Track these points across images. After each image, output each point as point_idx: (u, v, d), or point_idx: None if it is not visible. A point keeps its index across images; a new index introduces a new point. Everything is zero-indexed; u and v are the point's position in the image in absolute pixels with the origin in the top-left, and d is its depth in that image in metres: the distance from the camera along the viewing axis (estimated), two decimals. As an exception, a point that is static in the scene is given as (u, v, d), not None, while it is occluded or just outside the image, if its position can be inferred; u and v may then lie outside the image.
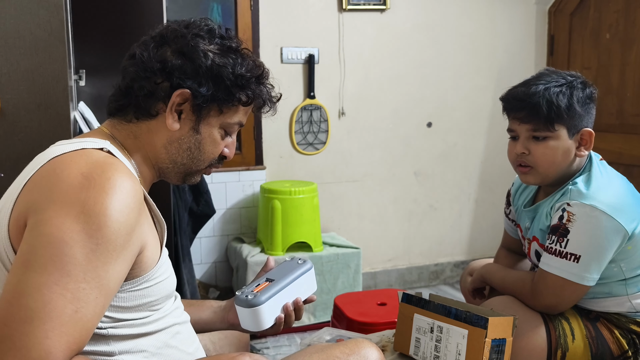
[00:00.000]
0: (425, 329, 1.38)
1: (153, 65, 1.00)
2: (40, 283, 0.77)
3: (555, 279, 1.37)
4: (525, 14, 3.48)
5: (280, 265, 1.27)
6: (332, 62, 3.17)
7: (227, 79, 1.01)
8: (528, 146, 1.44)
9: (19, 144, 1.61)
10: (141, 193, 0.92)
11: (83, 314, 0.78)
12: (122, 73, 1.05)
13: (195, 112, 1.02)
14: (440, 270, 3.53)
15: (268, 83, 1.11)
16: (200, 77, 1.00)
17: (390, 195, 3.38)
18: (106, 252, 0.82)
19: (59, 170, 0.87)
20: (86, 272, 0.79)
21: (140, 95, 1.00)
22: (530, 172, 1.46)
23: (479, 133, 3.50)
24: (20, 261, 0.79)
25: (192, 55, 1.00)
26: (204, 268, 3.10)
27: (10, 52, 1.59)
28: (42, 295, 0.76)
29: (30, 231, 0.81)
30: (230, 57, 1.03)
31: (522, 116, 1.43)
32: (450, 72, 3.38)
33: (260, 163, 3.14)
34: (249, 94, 1.05)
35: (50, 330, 0.75)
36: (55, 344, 0.75)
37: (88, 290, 0.79)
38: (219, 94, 1.01)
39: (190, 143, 1.03)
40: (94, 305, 0.80)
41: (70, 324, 0.77)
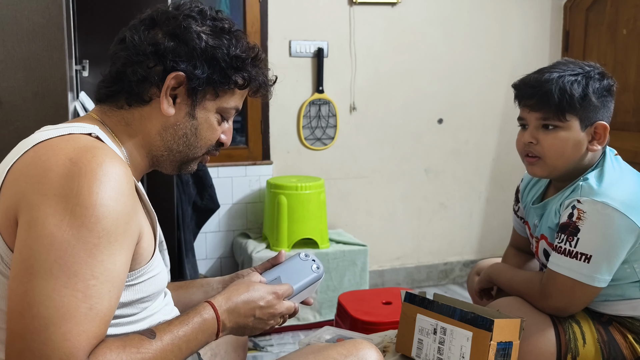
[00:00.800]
0: (429, 330, 1.32)
1: (145, 49, 0.96)
2: (49, 289, 0.75)
3: (565, 279, 1.31)
4: (540, 9, 3.40)
5: (293, 261, 1.19)
6: (342, 56, 3.11)
7: (223, 60, 0.98)
8: (537, 135, 1.38)
9: (15, 133, 1.57)
10: (133, 179, 0.88)
11: (98, 310, 0.77)
12: (112, 59, 1.01)
13: (190, 96, 0.98)
14: (449, 269, 3.46)
15: (263, 65, 1.07)
16: (194, 59, 0.96)
17: (400, 192, 3.32)
18: (109, 245, 0.79)
19: (45, 158, 0.83)
20: (93, 268, 0.77)
21: (133, 81, 0.96)
22: (537, 162, 1.40)
23: (491, 130, 3.43)
24: (23, 267, 0.76)
25: (185, 36, 0.96)
26: (210, 263, 3.06)
27: (6, 39, 1.56)
28: (53, 300, 0.74)
29: (27, 231, 0.78)
30: (224, 38, 0.99)
31: (532, 103, 1.37)
32: (462, 67, 3.32)
33: (267, 158, 3.09)
34: (245, 76, 1.02)
35: (68, 332, 0.74)
36: (75, 343, 0.74)
37: (99, 286, 0.78)
38: (215, 76, 0.98)
39: (186, 129, 0.99)
40: (108, 298, 0.79)
41: (86, 322, 0.76)
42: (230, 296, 0.97)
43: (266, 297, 1.01)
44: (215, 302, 0.95)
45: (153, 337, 0.83)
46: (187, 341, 0.88)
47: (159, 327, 0.87)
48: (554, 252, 1.34)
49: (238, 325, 0.98)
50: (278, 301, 1.03)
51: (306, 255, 1.20)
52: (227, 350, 1.32)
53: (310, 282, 1.15)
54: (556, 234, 1.36)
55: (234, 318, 0.96)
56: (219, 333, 0.94)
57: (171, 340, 0.85)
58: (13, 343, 0.74)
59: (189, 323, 0.89)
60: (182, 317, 0.90)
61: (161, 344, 0.84)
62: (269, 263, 1.21)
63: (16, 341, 0.74)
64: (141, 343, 0.82)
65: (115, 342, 0.80)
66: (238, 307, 0.97)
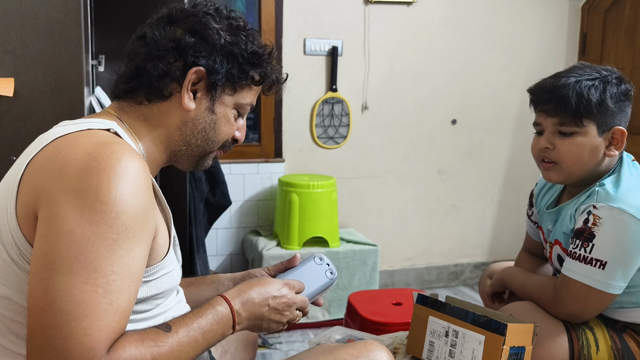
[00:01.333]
0: (440, 333, 1.32)
1: (166, 44, 0.98)
2: (69, 285, 0.75)
3: (579, 285, 1.29)
4: (557, 11, 3.37)
5: (307, 265, 1.16)
6: (356, 55, 3.11)
7: (241, 56, 1.01)
8: (553, 141, 1.37)
9: (32, 127, 1.59)
10: (150, 174, 0.88)
11: (119, 305, 0.78)
12: (130, 55, 1.02)
13: (210, 91, 1.01)
14: (460, 271, 3.45)
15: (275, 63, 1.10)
16: (214, 55, 0.99)
17: (412, 192, 3.31)
18: (128, 240, 0.80)
19: (65, 152, 0.83)
20: (113, 263, 0.78)
21: (154, 76, 0.97)
22: (553, 168, 1.38)
23: (505, 132, 3.40)
24: (44, 263, 0.77)
25: (204, 33, 0.99)
26: (220, 259, 3.07)
27: (25, 34, 1.57)
28: (74, 296, 0.75)
29: (48, 227, 0.78)
30: (241, 35, 1.02)
31: (549, 109, 1.35)
32: (477, 68, 3.29)
33: (279, 156, 3.09)
34: (261, 72, 1.05)
35: (89, 327, 0.75)
36: (96, 338, 0.75)
37: (119, 281, 0.78)
38: (233, 71, 1.01)
39: (206, 123, 1.02)
40: (127, 293, 0.80)
41: (107, 317, 0.76)
42: (243, 288, 0.99)
43: (279, 287, 1.02)
44: (227, 294, 0.96)
45: (169, 331, 0.85)
46: (202, 333, 0.88)
47: (174, 320, 0.88)
48: (568, 258, 1.33)
49: (254, 316, 0.98)
50: (291, 292, 1.04)
51: (320, 259, 1.18)
52: (237, 348, 1.32)
53: (323, 288, 1.14)
54: (571, 239, 1.34)
55: (249, 308, 0.97)
56: (235, 325, 0.94)
57: (186, 332, 0.86)
58: (34, 338, 0.75)
59: (203, 315, 0.90)
60: (195, 311, 0.91)
61: (177, 337, 0.84)
62: (283, 265, 1.21)
63: (38, 336, 0.75)
64: (158, 336, 0.83)
65: (134, 335, 0.81)
66: (252, 297, 0.98)
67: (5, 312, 0.85)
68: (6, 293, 0.84)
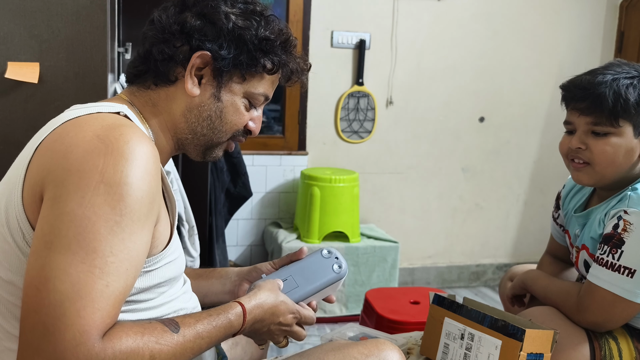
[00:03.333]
0: (456, 335, 1.28)
1: (172, 28, 0.95)
2: (66, 264, 0.73)
3: (605, 293, 1.24)
4: (594, 8, 3.27)
5: (312, 258, 1.10)
6: (384, 48, 3.06)
7: (250, 42, 0.96)
8: (586, 141, 1.30)
9: (55, 111, 1.58)
10: (159, 159, 0.86)
11: (115, 288, 0.75)
12: (142, 39, 1.00)
13: (216, 77, 0.96)
14: (481, 271, 3.39)
15: (296, 52, 1.04)
16: (221, 39, 0.95)
17: (435, 190, 3.26)
18: (131, 223, 0.77)
19: (73, 134, 0.82)
20: (113, 245, 0.76)
21: (159, 60, 0.95)
22: (584, 169, 1.32)
23: (533, 131, 3.33)
24: (42, 242, 0.75)
25: (212, 16, 0.95)
26: (240, 250, 3.08)
27: (52, 19, 1.58)
28: (69, 275, 0.73)
29: (50, 208, 0.77)
30: (254, 20, 0.97)
31: (583, 107, 1.29)
32: (507, 65, 3.22)
33: (302, 148, 3.08)
34: (274, 60, 0.99)
35: (82, 308, 0.72)
36: (89, 321, 0.72)
37: (117, 264, 0.75)
38: (242, 58, 0.96)
39: (211, 111, 0.98)
40: (125, 277, 0.77)
41: (102, 299, 0.73)
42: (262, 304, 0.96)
43: (286, 315, 0.99)
44: (247, 306, 0.93)
45: (176, 331, 0.81)
46: (208, 341, 0.86)
47: (184, 320, 0.85)
48: (594, 264, 1.28)
49: (253, 332, 0.97)
50: (293, 321, 1.01)
51: (329, 252, 1.10)
52: (249, 341, 1.31)
53: (327, 283, 1.07)
54: (599, 244, 1.29)
55: (255, 325, 0.95)
56: (236, 334, 0.93)
57: (194, 338, 0.83)
58: (27, 317, 0.73)
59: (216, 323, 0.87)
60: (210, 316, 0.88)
61: (182, 340, 0.81)
62: (288, 259, 1.16)
63: (30, 315, 0.73)
64: (162, 334, 0.80)
65: (134, 327, 0.78)
66: (264, 317, 0.96)
67: (9, 297, 0.85)
68: (10, 278, 0.84)
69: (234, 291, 1.18)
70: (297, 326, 1.02)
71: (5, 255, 0.84)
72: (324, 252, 1.10)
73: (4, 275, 0.84)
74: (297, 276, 1.07)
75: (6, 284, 0.84)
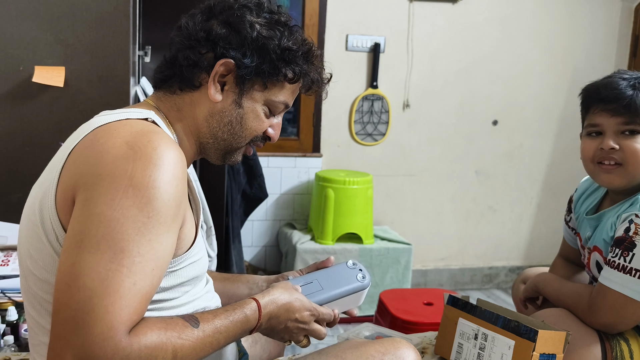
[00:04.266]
0: (469, 335, 1.31)
1: (198, 35, 0.98)
2: (95, 262, 0.77)
3: (616, 295, 1.26)
4: (608, 12, 3.27)
5: (338, 267, 1.14)
6: (398, 52, 3.09)
7: (273, 51, 0.99)
8: (618, 142, 1.31)
9: (79, 114, 1.65)
10: (185, 163, 0.90)
11: (141, 286, 0.78)
12: (169, 44, 1.03)
13: (238, 84, 1.00)
14: (494, 274, 3.40)
15: (317, 62, 1.07)
16: (245, 48, 0.98)
17: (449, 192, 3.28)
18: (158, 225, 0.81)
19: (103, 140, 0.85)
20: (140, 246, 0.79)
21: (185, 65, 0.99)
22: (616, 170, 1.32)
23: (547, 135, 3.33)
24: (73, 242, 0.79)
25: (237, 25, 0.98)
26: (255, 251, 3.12)
27: (76, 24, 1.63)
28: (99, 273, 0.76)
29: (81, 209, 0.81)
30: (278, 30, 1.00)
31: (614, 108, 1.30)
32: (521, 69, 3.23)
33: (317, 150, 3.11)
34: (296, 70, 1.02)
35: (110, 304, 0.75)
36: (117, 317, 0.75)
37: (144, 264, 0.79)
38: (264, 66, 0.99)
39: (232, 117, 1.01)
40: (151, 276, 0.80)
41: (129, 297, 0.77)
42: (276, 300, 0.98)
43: (302, 312, 1.01)
44: (261, 301, 0.95)
45: (196, 326, 0.85)
46: (226, 336, 0.89)
47: (203, 316, 0.88)
48: (606, 267, 1.30)
49: (270, 328, 0.99)
50: (311, 319, 1.02)
51: (354, 264, 1.14)
52: (267, 339, 1.34)
53: (351, 290, 1.09)
54: (610, 247, 1.31)
55: (272, 322, 0.97)
56: (253, 331, 0.95)
57: (212, 332, 0.86)
58: (58, 312, 0.77)
59: (233, 319, 0.90)
60: (227, 311, 0.91)
61: (202, 334, 0.85)
62: (315, 266, 1.19)
63: (61, 310, 0.76)
64: (184, 329, 0.83)
65: (157, 322, 0.81)
66: (279, 313, 0.98)
67: (43, 294, 0.88)
68: (45, 276, 0.87)
69: None
70: (315, 324, 1.04)
71: (40, 255, 0.88)
72: (349, 263, 1.14)
73: (38, 274, 0.88)
74: (322, 280, 1.10)
75: (41, 282, 0.88)
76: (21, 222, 0.95)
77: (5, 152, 1.66)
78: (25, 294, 0.93)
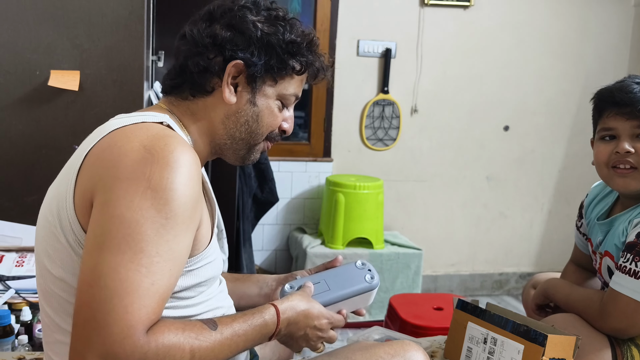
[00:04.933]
0: (479, 339, 1.31)
1: (204, 41, 1.00)
2: (115, 263, 0.79)
3: (627, 300, 1.26)
4: (622, 17, 3.26)
5: (346, 267, 1.14)
6: (409, 57, 3.10)
7: (278, 46, 1.00)
8: (634, 145, 1.30)
9: (94, 118, 1.67)
10: (200, 165, 0.92)
11: (159, 286, 0.80)
12: (175, 54, 1.05)
13: (250, 83, 1.01)
14: (504, 280, 3.39)
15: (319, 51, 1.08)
16: (251, 47, 0.99)
17: (459, 198, 3.27)
18: (175, 226, 0.83)
19: (121, 144, 0.87)
20: (158, 246, 0.81)
21: (195, 72, 1.00)
22: (632, 174, 1.31)
23: (559, 140, 3.32)
24: (94, 243, 0.81)
25: (241, 26, 1.00)
26: (265, 255, 3.13)
27: (92, 29, 1.66)
28: (119, 273, 0.78)
29: (101, 212, 0.83)
30: (279, 25, 1.02)
31: (629, 110, 1.29)
32: (533, 74, 3.23)
33: (327, 155, 3.12)
34: (302, 61, 1.04)
35: (130, 304, 0.77)
36: (136, 317, 0.77)
37: (162, 264, 0.81)
38: (272, 62, 1.00)
39: (248, 116, 1.02)
40: (169, 276, 0.82)
41: (147, 297, 0.79)
42: (295, 306, 0.99)
43: (321, 319, 1.02)
44: (280, 307, 0.96)
45: (214, 329, 0.86)
46: (245, 340, 0.90)
47: (222, 319, 0.89)
48: (617, 272, 1.30)
49: (289, 335, 1.00)
50: (328, 326, 1.04)
51: (362, 264, 1.14)
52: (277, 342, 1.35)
53: (359, 291, 1.10)
54: (622, 252, 1.31)
55: (291, 328, 0.98)
56: (272, 337, 0.96)
57: (231, 335, 0.88)
58: (80, 311, 0.79)
59: (251, 323, 0.91)
60: (245, 316, 0.92)
61: (220, 337, 0.86)
62: (323, 266, 1.20)
63: (83, 309, 0.79)
64: (201, 331, 0.85)
65: (175, 323, 0.83)
66: (298, 319, 0.99)
67: (61, 293, 0.90)
68: (63, 276, 0.89)
69: (270, 295, 1.23)
70: (331, 331, 1.06)
71: (57, 254, 0.90)
72: (357, 263, 1.14)
73: (56, 273, 0.90)
74: (330, 280, 1.10)
75: (58, 280, 0.90)
76: (38, 223, 0.97)
77: (21, 154, 1.69)
78: (42, 292, 0.95)
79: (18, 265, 1.54)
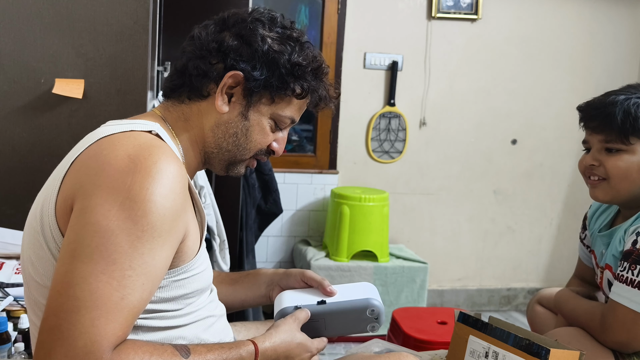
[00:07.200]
0: (480, 353, 1.28)
1: (209, 45, 0.99)
2: (87, 272, 0.77)
3: (626, 311, 1.23)
4: (631, 30, 3.24)
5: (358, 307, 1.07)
6: (416, 70, 3.10)
7: (283, 66, 0.99)
8: (599, 158, 1.35)
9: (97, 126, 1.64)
10: (187, 178, 0.90)
11: (129, 301, 0.78)
12: (180, 53, 1.04)
13: (246, 97, 1.00)
14: (512, 295, 3.34)
15: (326, 80, 1.06)
16: (255, 61, 0.98)
17: (466, 212, 3.25)
18: (151, 239, 0.81)
19: (106, 152, 0.86)
20: (132, 259, 0.79)
21: (194, 75, 0.99)
22: (600, 185, 1.35)
23: (568, 154, 3.29)
24: (67, 250, 0.80)
25: (249, 38, 0.99)
26: (269, 267, 3.11)
27: (97, 38, 1.67)
28: (89, 284, 0.76)
29: (77, 218, 0.81)
30: (289, 45, 1.00)
31: (595, 125, 1.34)
32: (541, 88, 3.21)
33: (333, 167, 3.12)
34: (304, 86, 1.02)
35: (97, 318, 0.75)
36: (102, 331, 0.75)
37: (134, 277, 0.79)
38: (273, 80, 0.99)
39: (237, 128, 1.01)
40: (141, 291, 0.80)
41: (116, 311, 0.77)
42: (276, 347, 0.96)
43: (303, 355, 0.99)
44: (260, 347, 0.93)
45: (186, 357, 0.83)
46: None
47: (196, 348, 0.86)
48: (615, 281, 1.28)
49: None
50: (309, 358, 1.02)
51: (374, 312, 1.07)
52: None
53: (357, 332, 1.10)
54: (619, 261, 1.29)
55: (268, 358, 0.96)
56: None
57: None
58: (47, 319, 0.77)
59: (226, 356, 0.88)
60: (222, 348, 0.89)
61: None
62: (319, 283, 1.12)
63: (50, 317, 0.77)
64: (172, 357, 0.82)
65: (143, 346, 0.81)
66: (277, 352, 0.96)
67: (44, 301, 0.88)
68: (45, 283, 0.88)
69: (269, 295, 1.20)
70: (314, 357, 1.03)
71: (40, 262, 0.88)
72: (369, 311, 1.06)
73: (39, 280, 0.89)
74: (330, 321, 1.06)
75: (41, 288, 0.89)
76: (24, 229, 0.96)
77: (25, 162, 1.69)
78: (28, 300, 0.94)
79: (17, 273, 1.54)
